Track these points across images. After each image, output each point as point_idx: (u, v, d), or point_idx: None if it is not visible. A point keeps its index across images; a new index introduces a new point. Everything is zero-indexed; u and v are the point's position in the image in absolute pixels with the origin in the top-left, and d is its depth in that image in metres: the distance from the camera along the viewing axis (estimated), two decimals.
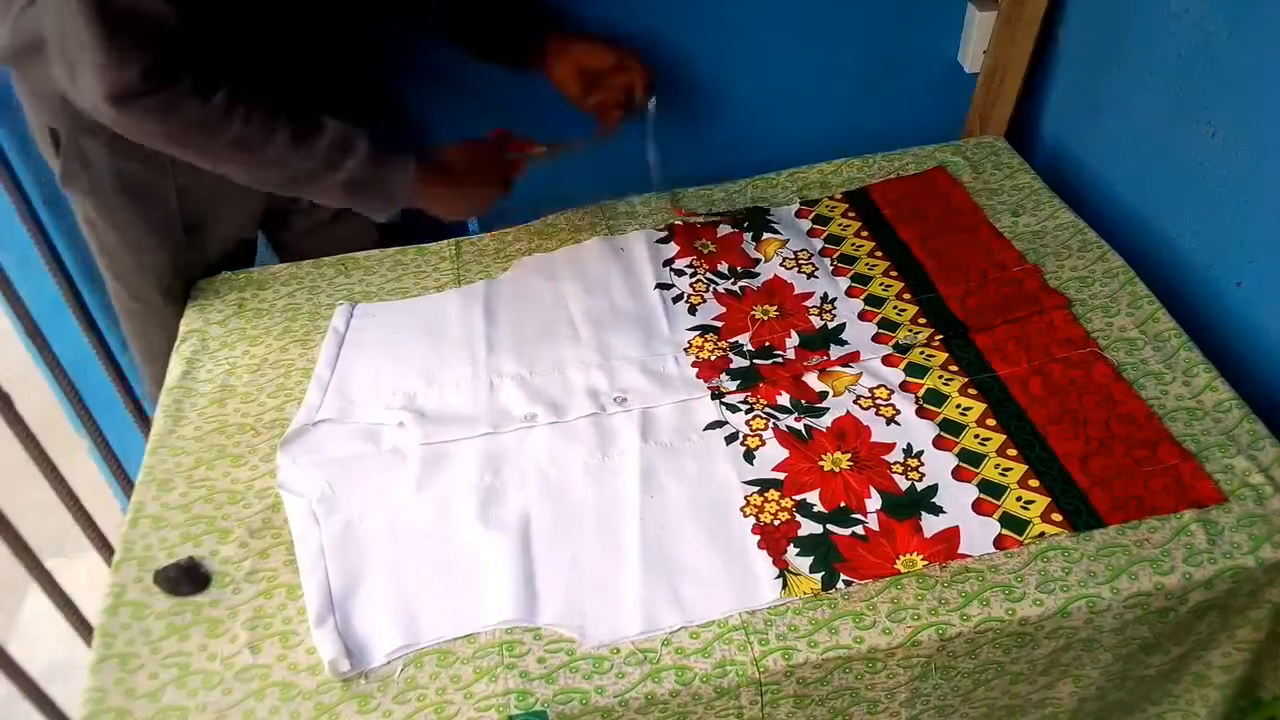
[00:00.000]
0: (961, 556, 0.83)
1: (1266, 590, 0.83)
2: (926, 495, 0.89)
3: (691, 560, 0.85)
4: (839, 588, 0.82)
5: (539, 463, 0.94)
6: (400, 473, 0.94)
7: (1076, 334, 1.01)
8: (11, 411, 1.20)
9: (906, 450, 0.93)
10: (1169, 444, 0.90)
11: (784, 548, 0.85)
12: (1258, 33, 1.00)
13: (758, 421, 0.96)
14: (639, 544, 0.86)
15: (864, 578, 0.82)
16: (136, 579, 0.87)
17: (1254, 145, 1.02)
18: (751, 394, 0.99)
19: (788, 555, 0.84)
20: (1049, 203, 1.20)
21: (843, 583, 0.82)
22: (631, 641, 0.79)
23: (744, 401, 0.99)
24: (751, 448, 0.94)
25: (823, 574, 0.82)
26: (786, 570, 0.83)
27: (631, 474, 0.92)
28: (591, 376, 1.03)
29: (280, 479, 0.94)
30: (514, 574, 0.84)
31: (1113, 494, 0.87)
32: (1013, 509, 0.87)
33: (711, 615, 0.81)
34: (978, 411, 0.95)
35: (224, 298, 1.17)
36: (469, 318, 1.11)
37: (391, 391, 1.03)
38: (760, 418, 0.97)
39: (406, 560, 0.87)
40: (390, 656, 0.79)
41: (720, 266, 1.16)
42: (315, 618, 0.82)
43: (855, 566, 0.83)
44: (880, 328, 1.06)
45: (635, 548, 0.86)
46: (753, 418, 0.97)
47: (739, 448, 0.94)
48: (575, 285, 1.14)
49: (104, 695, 0.78)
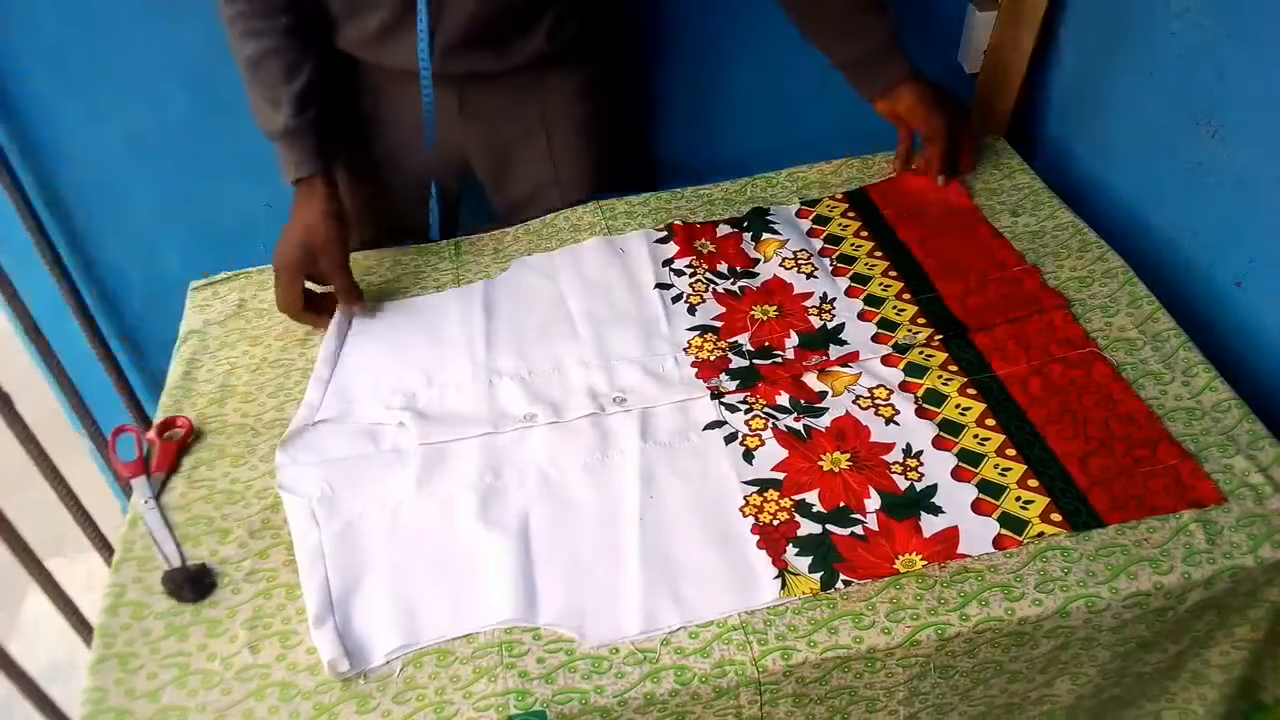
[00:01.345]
0: (960, 556, 0.83)
1: (1265, 590, 0.83)
2: (926, 495, 0.88)
3: (691, 560, 0.85)
4: (838, 587, 0.82)
5: (539, 462, 0.94)
6: (400, 472, 0.94)
7: (1076, 334, 1.01)
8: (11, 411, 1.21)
9: (906, 450, 0.93)
10: (1168, 444, 0.90)
11: (783, 548, 0.85)
12: (1258, 32, 1.00)
13: (757, 421, 0.96)
14: (638, 544, 0.86)
15: (863, 577, 0.82)
16: (136, 579, 0.87)
17: (1254, 145, 1.02)
18: (751, 394, 0.99)
19: (787, 555, 0.84)
20: (1049, 203, 1.20)
21: (842, 582, 0.82)
22: (631, 641, 0.79)
23: (743, 401, 0.98)
24: (751, 448, 0.94)
25: (822, 574, 0.82)
26: (786, 570, 0.83)
27: (631, 474, 0.92)
28: (591, 376, 1.03)
29: (280, 479, 0.94)
30: (513, 574, 0.84)
31: (1112, 494, 0.87)
32: (1012, 509, 0.87)
33: (711, 615, 0.81)
34: (977, 411, 0.95)
35: (224, 298, 1.17)
36: (468, 317, 1.11)
37: (391, 391, 1.03)
38: (759, 418, 0.97)
39: (406, 560, 0.87)
40: (390, 656, 0.79)
41: (720, 266, 1.16)
42: (315, 618, 0.81)
43: (854, 566, 0.83)
44: (879, 328, 1.06)
45: (635, 548, 0.86)
46: (752, 418, 0.97)
47: (738, 448, 0.94)
48: (574, 285, 1.14)
49: (104, 695, 0.78)
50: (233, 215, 1.49)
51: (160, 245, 1.49)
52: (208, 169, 1.43)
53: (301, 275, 1.08)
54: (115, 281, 1.51)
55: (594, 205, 1.25)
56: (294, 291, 1.08)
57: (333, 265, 1.08)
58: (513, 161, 1.24)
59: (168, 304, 1.22)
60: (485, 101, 1.18)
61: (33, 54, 1.28)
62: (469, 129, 1.20)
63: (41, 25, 1.26)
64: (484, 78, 1.15)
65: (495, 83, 1.17)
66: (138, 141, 1.38)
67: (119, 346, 1.56)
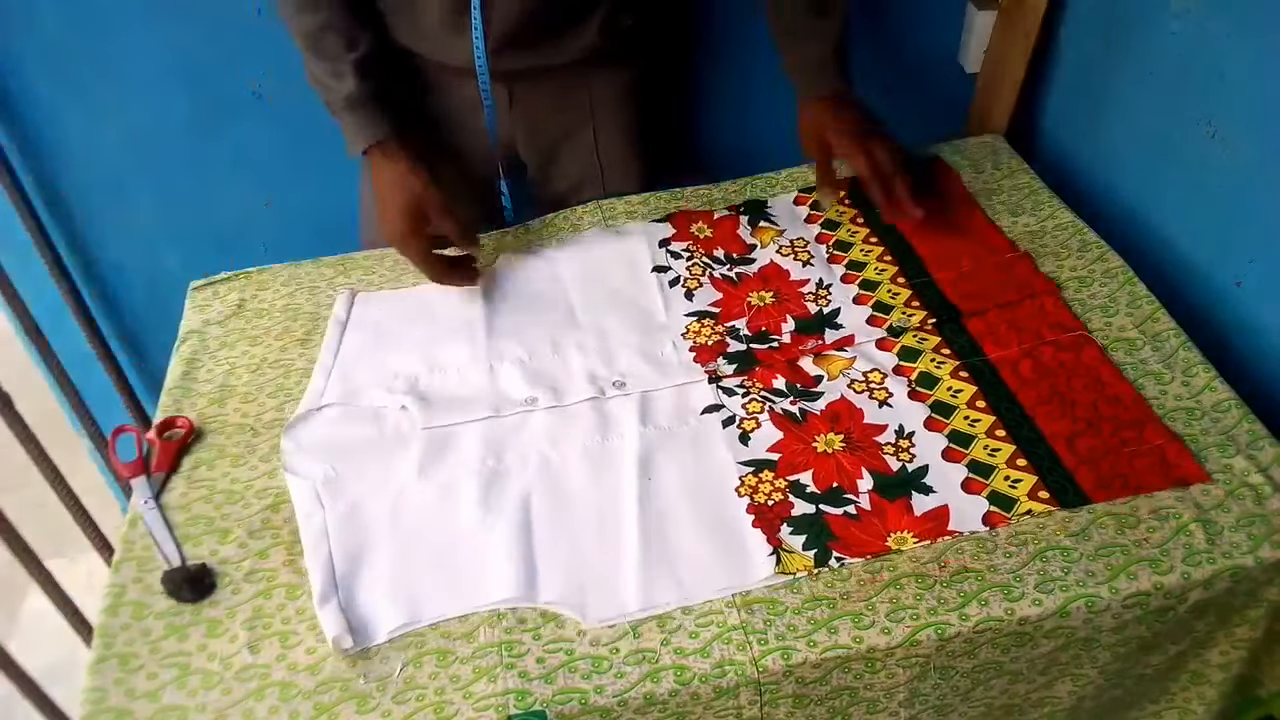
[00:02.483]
0: (951, 533, 0.84)
1: (1265, 589, 0.83)
2: (917, 475, 0.90)
3: (688, 540, 0.86)
4: (832, 566, 0.83)
5: (539, 446, 0.95)
6: (403, 456, 0.95)
7: (1066, 318, 1.03)
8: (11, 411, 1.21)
9: (898, 432, 0.94)
10: (1155, 424, 0.92)
11: (778, 527, 0.86)
12: (1258, 32, 1.00)
13: (753, 405, 0.97)
14: (637, 525, 0.87)
15: (856, 555, 0.83)
16: (136, 579, 0.87)
17: (1254, 145, 1.03)
18: (748, 378, 1.00)
19: (781, 534, 0.85)
20: (1049, 202, 1.20)
21: (835, 560, 0.83)
22: (629, 625, 0.80)
23: (740, 385, 1.00)
24: (747, 430, 0.95)
25: (816, 551, 0.84)
26: (780, 548, 0.84)
27: (630, 457, 0.93)
28: (590, 361, 1.04)
29: (285, 461, 0.95)
30: (515, 554, 0.85)
31: (1099, 472, 0.88)
32: (1001, 488, 0.88)
33: (708, 594, 0.82)
34: (968, 394, 0.96)
35: (224, 298, 1.17)
36: (469, 303, 1.12)
37: (394, 376, 1.04)
38: (756, 401, 0.98)
39: (409, 541, 0.88)
40: (392, 634, 0.80)
41: (716, 251, 1.16)
42: (319, 596, 0.82)
43: (848, 544, 0.84)
44: (874, 311, 1.07)
45: (634, 529, 0.87)
46: (749, 401, 0.98)
47: (735, 430, 0.95)
48: (573, 269, 1.15)
49: (104, 695, 0.78)
50: (233, 215, 1.49)
51: (160, 245, 1.49)
52: (208, 169, 1.43)
53: (424, 238, 1.07)
54: (115, 281, 1.51)
55: (594, 205, 1.25)
56: (429, 257, 1.08)
57: (440, 211, 1.06)
58: (560, 155, 1.25)
59: (168, 304, 1.22)
60: (535, 96, 1.18)
61: (33, 54, 1.28)
62: (517, 122, 1.20)
63: (41, 25, 1.26)
64: (535, 73, 1.15)
65: (545, 78, 1.17)
66: (138, 141, 1.39)
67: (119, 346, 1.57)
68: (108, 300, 1.53)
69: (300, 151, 1.44)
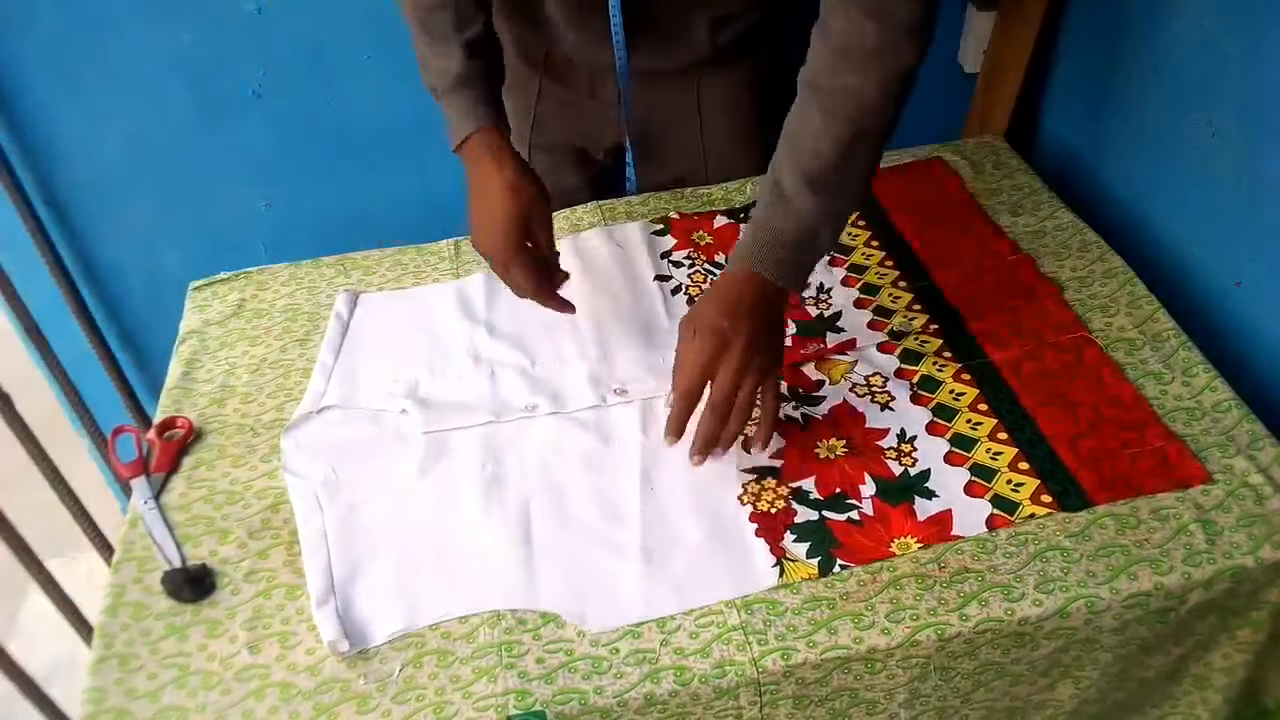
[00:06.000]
0: (954, 538, 0.84)
1: (1266, 591, 0.83)
2: (920, 480, 0.90)
3: (690, 548, 0.85)
4: (836, 572, 0.82)
5: (540, 452, 0.95)
6: (403, 459, 0.95)
7: (1067, 319, 1.03)
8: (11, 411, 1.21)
9: (900, 436, 0.94)
10: (1156, 426, 0.92)
11: (781, 535, 0.86)
12: (1258, 32, 1.00)
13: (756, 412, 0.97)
14: (639, 533, 0.87)
15: (860, 562, 0.83)
16: (136, 579, 0.87)
17: (1254, 145, 1.03)
18: None
19: (784, 542, 0.85)
20: (1048, 203, 1.20)
21: (839, 567, 0.83)
22: (630, 630, 0.80)
23: None
24: (750, 437, 0.94)
25: (819, 559, 0.83)
26: (784, 558, 0.84)
27: (632, 464, 0.93)
28: (592, 368, 1.03)
29: (284, 462, 0.95)
30: (515, 561, 0.85)
31: (1100, 474, 0.88)
32: (1003, 491, 0.88)
33: (710, 602, 0.81)
34: (970, 397, 0.97)
35: (224, 298, 1.16)
36: (470, 308, 1.12)
37: (394, 379, 1.04)
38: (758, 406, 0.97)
39: (408, 545, 0.88)
40: (390, 638, 0.80)
41: (718, 257, 1.16)
42: (317, 599, 0.82)
43: (851, 551, 0.84)
44: (876, 314, 1.07)
45: (635, 536, 0.87)
46: None
47: None
48: (574, 277, 1.15)
49: (104, 695, 0.78)
50: (233, 215, 1.49)
51: (160, 245, 1.49)
52: (208, 169, 1.43)
53: (529, 253, 0.97)
54: (115, 281, 1.51)
55: (594, 205, 1.25)
56: (531, 270, 0.97)
57: (545, 226, 0.98)
58: (665, 146, 1.24)
59: (168, 304, 1.22)
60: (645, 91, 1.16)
61: (33, 54, 1.28)
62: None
63: (41, 25, 1.26)
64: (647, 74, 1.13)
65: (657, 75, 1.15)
66: (138, 142, 1.39)
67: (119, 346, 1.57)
68: (108, 300, 1.53)
69: (300, 151, 1.44)
